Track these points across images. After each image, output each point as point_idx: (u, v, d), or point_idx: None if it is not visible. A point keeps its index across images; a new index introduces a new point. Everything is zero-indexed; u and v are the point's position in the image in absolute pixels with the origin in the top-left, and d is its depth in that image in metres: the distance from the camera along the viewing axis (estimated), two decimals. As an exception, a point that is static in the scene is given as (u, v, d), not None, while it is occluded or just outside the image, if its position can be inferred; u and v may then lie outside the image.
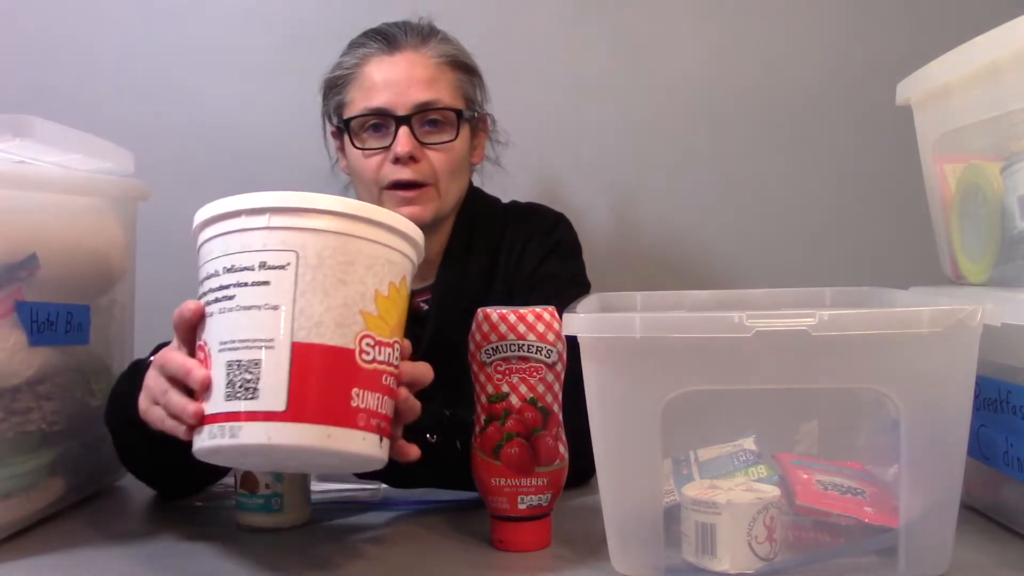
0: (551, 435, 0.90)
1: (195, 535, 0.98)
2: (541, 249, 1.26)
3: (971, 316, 0.77)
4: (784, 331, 0.77)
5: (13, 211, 0.97)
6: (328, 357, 0.77)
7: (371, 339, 0.79)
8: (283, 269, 0.77)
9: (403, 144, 1.18)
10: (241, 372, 0.76)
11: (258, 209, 0.78)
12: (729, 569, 0.79)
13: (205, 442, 0.78)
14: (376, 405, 0.79)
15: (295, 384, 0.75)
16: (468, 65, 1.27)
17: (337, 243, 0.78)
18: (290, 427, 0.75)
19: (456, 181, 1.24)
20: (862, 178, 1.63)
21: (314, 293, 0.77)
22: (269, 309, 0.77)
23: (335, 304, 0.77)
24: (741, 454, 0.93)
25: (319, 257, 0.77)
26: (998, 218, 0.96)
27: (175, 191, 1.39)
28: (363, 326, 0.78)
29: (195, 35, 1.62)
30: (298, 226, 0.78)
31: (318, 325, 0.76)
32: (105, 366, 1.18)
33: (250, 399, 0.76)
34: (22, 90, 1.58)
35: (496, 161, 1.36)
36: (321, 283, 0.77)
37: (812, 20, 1.64)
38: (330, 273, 0.77)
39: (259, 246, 0.78)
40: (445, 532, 0.97)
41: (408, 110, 1.19)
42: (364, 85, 1.22)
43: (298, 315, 0.76)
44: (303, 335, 0.76)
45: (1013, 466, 0.90)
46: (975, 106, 1.00)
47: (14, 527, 0.98)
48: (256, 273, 0.78)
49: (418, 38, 1.23)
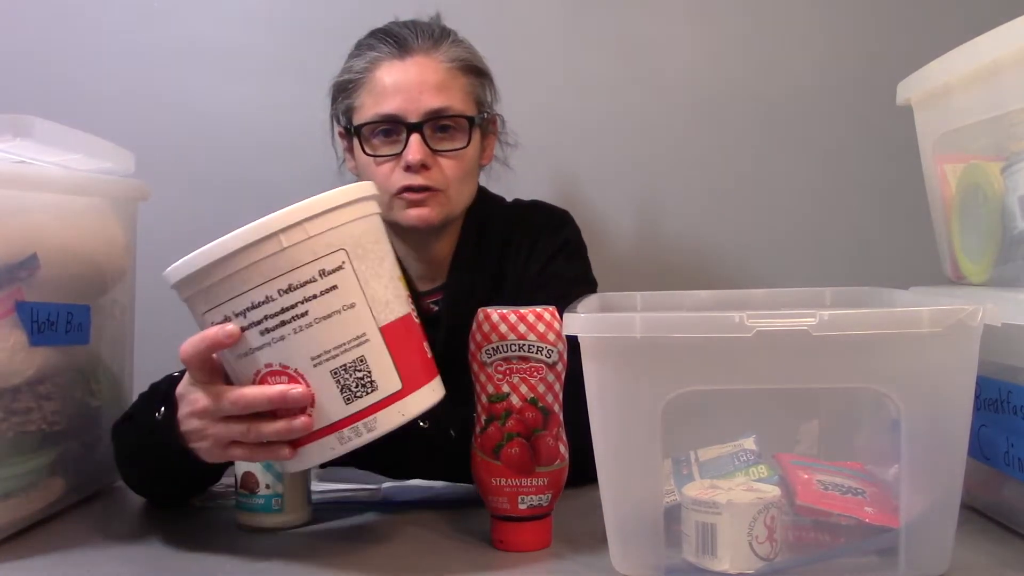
0: (551, 435, 0.90)
1: (195, 535, 0.98)
2: (548, 248, 1.26)
3: (971, 316, 0.77)
4: (784, 331, 0.77)
5: (13, 211, 0.97)
6: (404, 327, 0.84)
7: (410, 297, 0.88)
8: (341, 270, 0.81)
9: (415, 152, 1.17)
10: (351, 374, 0.81)
11: (294, 225, 0.80)
12: (729, 569, 0.79)
13: (337, 447, 0.82)
14: (426, 346, 0.88)
15: (399, 362, 0.83)
16: (479, 68, 1.25)
17: (366, 227, 0.84)
18: (412, 399, 0.83)
19: (466, 185, 1.23)
20: (862, 178, 1.63)
21: (374, 279, 0.83)
22: (348, 309, 0.81)
23: (387, 280, 0.84)
24: (741, 454, 0.93)
25: (362, 247, 0.82)
26: (998, 218, 0.96)
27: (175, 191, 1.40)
28: (404, 289, 0.87)
29: (195, 35, 1.62)
30: (334, 225, 0.81)
31: (387, 304, 0.83)
32: (105, 366, 1.18)
33: (371, 392, 0.82)
34: (22, 90, 1.58)
35: (504, 161, 1.35)
36: (373, 268, 0.83)
37: (812, 20, 1.64)
38: (373, 256, 0.83)
39: (310, 257, 0.80)
40: (445, 532, 0.97)
41: (420, 117, 1.18)
42: (375, 90, 1.20)
43: (372, 303, 0.82)
44: (383, 318, 0.82)
45: (1013, 466, 0.90)
46: (975, 106, 1.00)
47: (14, 527, 0.98)
48: (320, 283, 0.80)
49: (429, 41, 1.21)
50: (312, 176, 1.59)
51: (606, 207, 1.62)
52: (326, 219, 0.81)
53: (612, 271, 1.32)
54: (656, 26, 1.63)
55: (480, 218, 1.28)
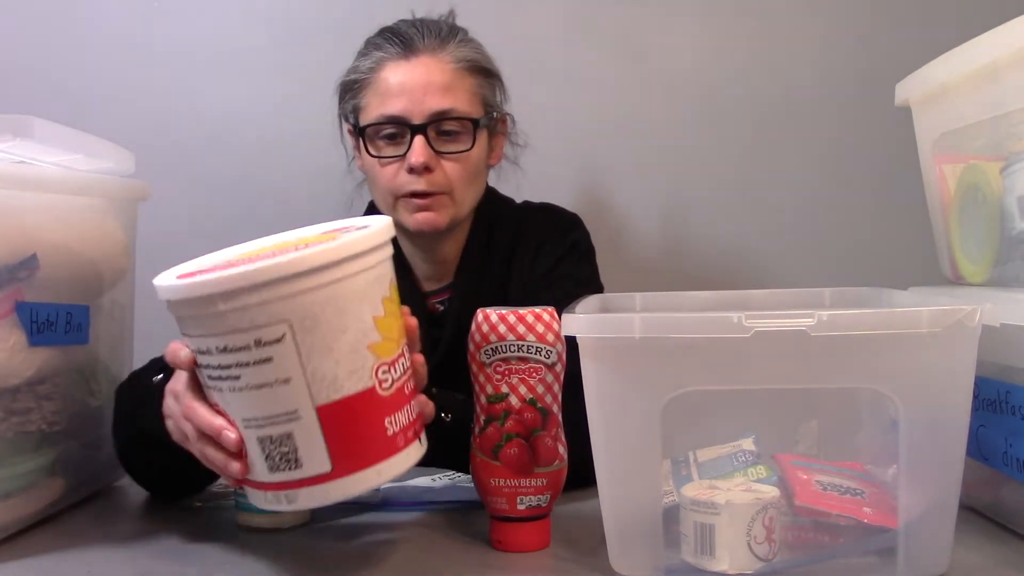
0: (550, 436, 0.90)
1: (195, 535, 0.98)
2: (556, 250, 1.25)
3: (970, 316, 0.77)
4: (783, 331, 0.77)
5: (13, 211, 0.97)
6: (354, 406, 0.76)
7: (385, 365, 0.78)
8: (279, 342, 0.73)
9: (418, 154, 1.16)
10: (277, 446, 0.76)
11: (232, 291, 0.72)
12: (728, 569, 0.79)
13: (264, 504, 0.80)
14: (407, 417, 0.80)
15: (332, 444, 0.75)
16: (487, 68, 1.24)
17: (327, 296, 0.74)
18: (341, 483, 0.76)
19: (472, 186, 1.23)
20: (862, 178, 1.63)
21: (319, 354, 0.74)
22: (281, 384, 0.74)
23: (343, 355, 0.75)
24: (740, 454, 0.93)
25: (312, 318, 0.73)
26: (997, 218, 0.96)
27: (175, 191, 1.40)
28: (375, 359, 0.77)
29: (195, 35, 1.62)
30: (283, 295, 0.73)
31: (333, 382, 0.75)
32: (105, 366, 1.18)
33: (294, 469, 0.76)
34: (23, 90, 1.58)
35: (515, 161, 1.35)
36: (325, 342, 0.74)
37: (812, 20, 1.64)
38: (328, 328, 0.74)
39: (247, 325, 0.73)
40: (445, 532, 0.97)
41: (424, 119, 1.17)
42: (380, 90, 1.20)
43: (311, 381, 0.74)
44: (323, 397, 0.75)
45: (1012, 466, 0.90)
46: (975, 106, 1.00)
47: (14, 527, 0.98)
48: (254, 352, 0.74)
49: (436, 40, 1.20)
50: (312, 176, 1.60)
51: (605, 208, 1.62)
52: (271, 289, 0.72)
53: (608, 272, 1.32)
54: (653, 25, 1.63)
55: (489, 219, 1.28)
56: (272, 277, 0.72)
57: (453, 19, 1.27)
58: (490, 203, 1.29)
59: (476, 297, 1.19)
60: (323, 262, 0.73)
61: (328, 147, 1.38)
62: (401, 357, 0.80)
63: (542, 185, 1.39)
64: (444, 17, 1.26)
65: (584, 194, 1.62)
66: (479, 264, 1.26)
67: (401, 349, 0.80)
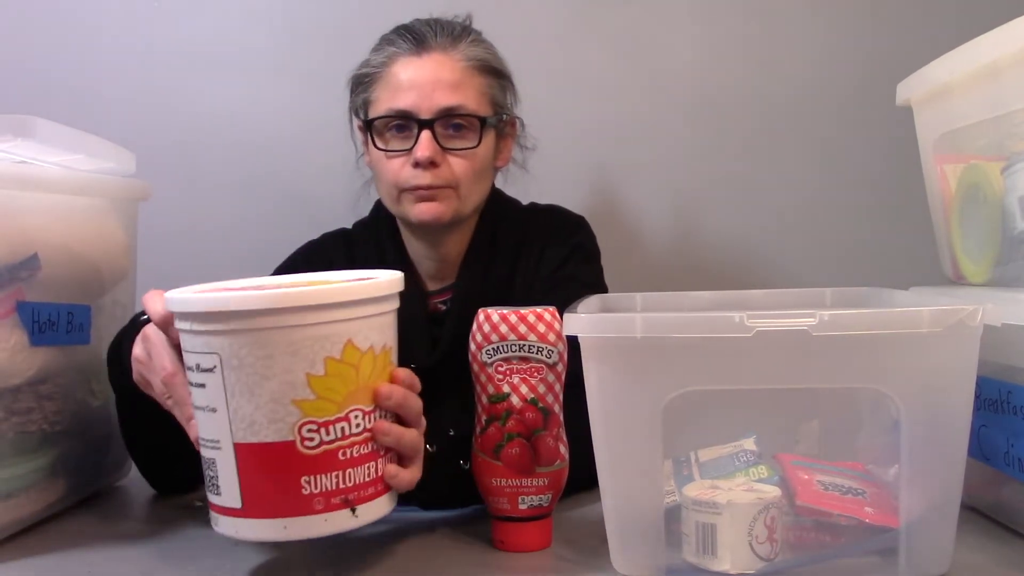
0: (552, 435, 0.90)
1: (195, 535, 0.98)
2: (561, 252, 1.26)
3: (971, 316, 0.77)
4: (784, 331, 0.77)
5: (14, 211, 0.97)
6: (269, 454, 0.77)
7: (313, 424, 0.77)
8: (212, 372, 0.77)
9: (424, 149, 1.17)
10: (207, 468, 0.80)
11: (182, 315, 0.79)
12: (730, 569, 0.79)
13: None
14: (335, 483, 0.79)
15: (244, 483, 0.77)
16: (498, 69, 1.25)
17: (252, 340, 0.76)
18: (249, 523, 0.78)
19: (477, 184, 1.23)
20: (862, 178, 1.63)
21: (241, 394, 0.76)
22: (210, 411, 0.78)
23: (263, 401, 0.76)
24: (742, 454, 0.93)
25: (238, 358, 0.76)
26: (998, 218, 0.96)
27: (175, 191, 1.40)
28: (300, 415, 0.77)
29: (195, 35, 1.62)
30: (214, 330, 0.76)
31: (252, 425, 0.77)
32: (106, 366, 1.18)
33: (217, 495, 0.80)
34: (24, 90, 1.58)
35: (523, 165, 1.35)
36: (245, 383, 0.76)
37: (812, 20, 1.64)
38: (251, 371, 0.76)
39: (196, 347, 0.78)
40: (445, 532, 0.97)
41: (431, 114, 1.18)
42: (390, 85, 1.20)
43: (233, 416, 0.77)
44: (241, 436, 0.77)
45: (1014, 466, 0.90)
46: (975, 106, 1.00)
47: (14, 527, 0.98)
48: (196, 375, 0.79)
49: (448, 39, 1.21)
50: (312, 176, 1.60)
51: (605, 208, 1.62)
52: (206, 321, 0.76)
53: (608, 272, 1.32)
54: (654, 25, 1.63)
55: (494, 219, 1.28)
56: (206, 309, 0.76)
57: (469, 21, 1.28)
58: (495, 204, 1.29)
59: (478, 297, 1.19)
60: (248, 308, 0.76)
61: (328, 147, 1.39)
62: (342, 421, 0.79)
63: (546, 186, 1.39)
64: (460, 18, 1.27)
65: (587, 195, 1.62)
66: (483, 264, 1.26)
67: (345, 413, 0.79)
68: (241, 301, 0.76)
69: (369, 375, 0.80)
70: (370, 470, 0.81)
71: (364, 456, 0.80)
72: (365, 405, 0.80)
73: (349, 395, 0.79)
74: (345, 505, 0.79)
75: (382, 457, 0.82)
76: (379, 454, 0.82)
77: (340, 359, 0.78)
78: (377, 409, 0.81)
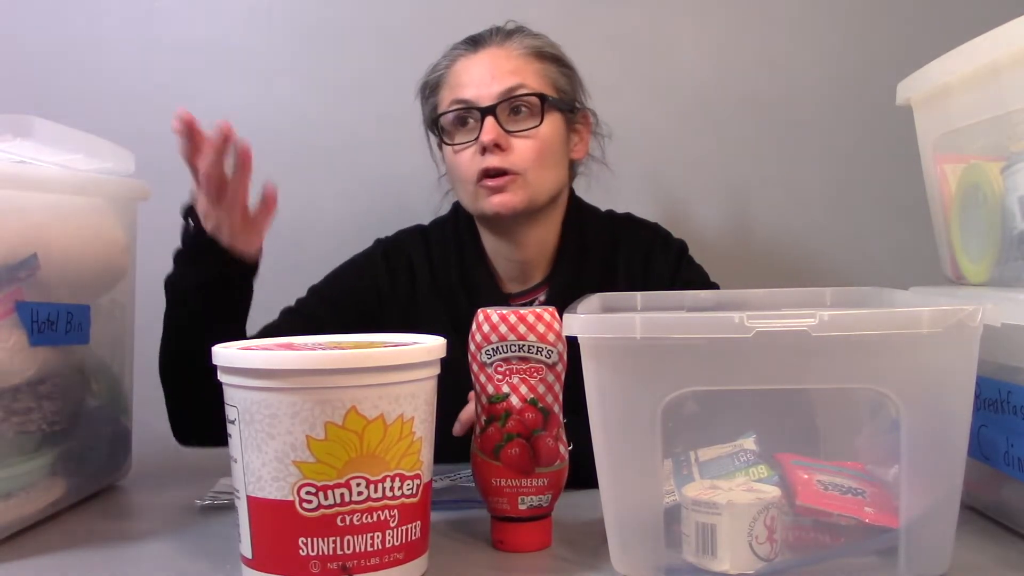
0: (551, 435, 0.90)
1: (195, 535, 0.98)
2: (667, 256, 1.30)
3: (971, 316, 0.77)
4: (784, 331, 0.77)
5: (13, 211, 0.97)
6: (272, 510, 0.79)
7: (311, 487, 0.78)
8: (234, 424, 0.81)
9: (488, 132, 1.20)
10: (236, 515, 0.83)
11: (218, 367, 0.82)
12: (730, 569, 0.79)
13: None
14: (332, 548, 0.78)
15: (254, 534, 0.80)
16: (556, 55, 1.28)
17: (260, 398, 0.79)
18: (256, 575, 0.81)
19: (547, 170, 1.24)
20: (862, 178, 1.63)
21: (252, 449, 0.79)
22: (234, 461, 0.82)
23: (268, 459, 0.79)
24: (741, 454, 0.93)
25: (249, 413, 0.79)
26: (998, 218, 0.96)
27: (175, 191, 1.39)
28: (299, 476, 0.78)
29: (196, 35, 1.62)
30: (233, 384, 0.80)
31: (259, 479, 0.79)
32: (105, 366, 1.18)
33: (240, 541, 0.82)
34: (23, 90, 1.58)
35: (602, 159, 1.37)
36: (254, 438, 0.79)
37: (812, 20, 1.64)
38: (260, 428, 0.79)
39: (226, 399, 0.82)
40: (445, 532, 0.97)
41: (492, 100, 1.21)
42: (452, 83, 1.25)
43: (246, 469, 0.80)
44: (252, 488, 0.80)
45: (1014, 466, 0.90)
46: (975, 106, 1.00)
47: (14, 527, 0.98)
48: (228, 425, 0.82)
49: (502, 35, 1.27)
50: (312, 176, 1.60)
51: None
52: (226, 375, 0.81)
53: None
54: (655, 25, 1.63)
55: (579, 225, 1.31)
56: (224, 364, 0.81)
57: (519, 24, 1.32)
58: (578, 210, 1.32)
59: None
60: (254, 367, 0.79)
61: (328, 147, 1.39)
62: (342, 487, 0.78)
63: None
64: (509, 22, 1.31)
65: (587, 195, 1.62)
66: (576, 263, 1.29)
67: (345, 479, 0.78)
68: (249, 360, 0.79)
69: (377, 444, 0.79)
70: (374, 540, 0.80)
71: (367, 525, 0.79)
72: (370, 474, 0.79)
73: (350, 462, 0.78)
74: (342, 572, 0.79)
75: (391, 529, 0.80)
76: (388, 525, 0.80)
77: (342, 425, 0.78)
78: (386, 479, 0.80)
